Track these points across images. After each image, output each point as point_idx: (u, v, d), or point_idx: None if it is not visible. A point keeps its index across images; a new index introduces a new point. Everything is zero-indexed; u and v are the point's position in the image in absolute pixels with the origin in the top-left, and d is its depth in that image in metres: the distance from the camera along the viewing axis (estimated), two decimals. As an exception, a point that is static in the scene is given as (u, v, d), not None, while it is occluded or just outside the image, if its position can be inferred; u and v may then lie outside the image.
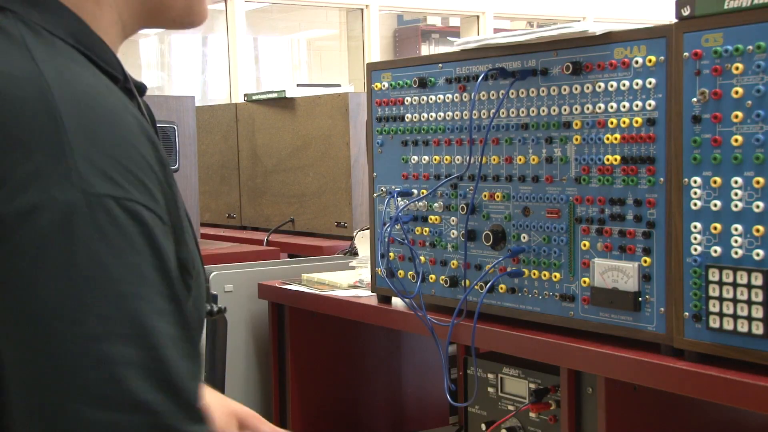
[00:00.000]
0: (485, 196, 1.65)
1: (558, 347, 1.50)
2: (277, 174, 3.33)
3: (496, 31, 7.67)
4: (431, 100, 1.74)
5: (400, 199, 1.79)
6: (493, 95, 1.62)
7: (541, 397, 1.65)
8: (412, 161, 1.78)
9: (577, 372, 1.53)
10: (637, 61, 1.40)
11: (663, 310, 1.39)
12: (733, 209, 1.28)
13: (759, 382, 1.23)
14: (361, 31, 7.42)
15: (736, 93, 1.26)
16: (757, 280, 1.24)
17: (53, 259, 0.77)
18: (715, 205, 1.30)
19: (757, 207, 1.25)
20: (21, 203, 0.77)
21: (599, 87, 1.46)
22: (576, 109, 1.49)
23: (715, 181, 1.29)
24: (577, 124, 1.49)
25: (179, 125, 2.83)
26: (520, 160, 1.59)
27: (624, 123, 1.42)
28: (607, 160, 1.45)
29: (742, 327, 1.27)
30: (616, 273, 1.44)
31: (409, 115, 1.78)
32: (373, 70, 1.86)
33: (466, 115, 1.67)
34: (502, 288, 1.62)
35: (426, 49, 8.58)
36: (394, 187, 1.82)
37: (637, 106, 1.40)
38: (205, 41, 7.95)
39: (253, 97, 3.44)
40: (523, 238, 1.59)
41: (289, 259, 2.90)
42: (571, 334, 1.52)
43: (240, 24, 6.69)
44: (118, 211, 0.80)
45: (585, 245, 1.49)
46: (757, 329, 1.25)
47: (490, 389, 1.78)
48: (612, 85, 1.44)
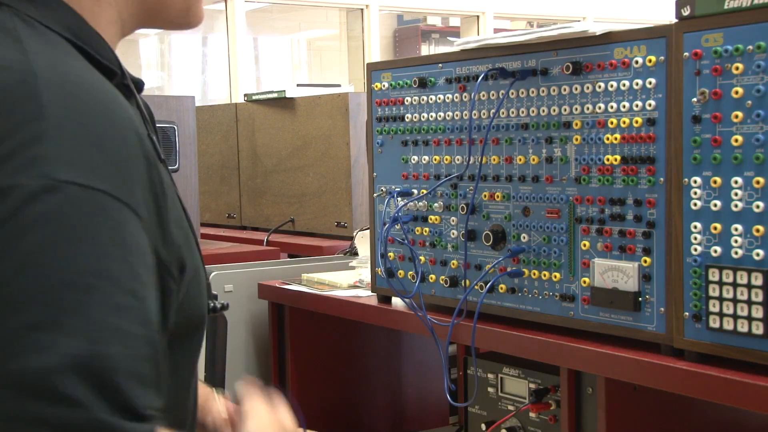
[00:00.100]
0: (485, 196, 1.65)
1: (558, 347, 1.50)
2: (277, 174, 3.33)
3: (496, 31, 7.67)
4: (431, 100, 1.74)
5: (400, 199, 1.79)
6: (493, 95, 1.62)
7: (541, 397, 1.65)
8: (412, 161, 1.78)
9: (577, 372, 1.53)
10: (637, 61, 1.40)
11: (663, 310, 1.39)
12: (733, 209, 1.28)
13: (759, 382, 1.23)
14: (361, 31, 7.42)
15: (736, 93, 1.26)
16: (757, 280, 1.24)
17: (5, 243, 0.77)
18: (715, 205, 1.30)
19: (757, 207, 1.25)
20: None
21: (599, 87, 1.46)
22: (576, 109, 1.49)
23: (715, 181, 1.29)
24: (577, 124, 1.49)
25: (179, 125, 2.83)
26: (520, 160, 1.59)
27: (624, 123, 1.42)
28: (607, 160, 1.45)
29: (742, 327, 1.27)
30: (616, 273, 1.44)
31: (409, 115, 1.78)
32: (373, 70, 1.86)
33: (466, 115, 1.67)
34: (502, 288, 1.62)
35: (426, 49, 8.58)
36: (394, 187, 1.82)
37: (637, 106, 1.40)
38: (205, 41, 7.95)
39: (253, 97, 3.44)
40: (523, 238, 1.59)
41: (289, 259, 2.90)
42: (571, 334, 1.52)
43: (240, 24, 6.70)
44: (81, 198, 0.79)
45: (585, 245, 1.49)
46: (757, 329, 1.25)
47: (490, 389, 1.78)
48: (612, 85, 1.43)
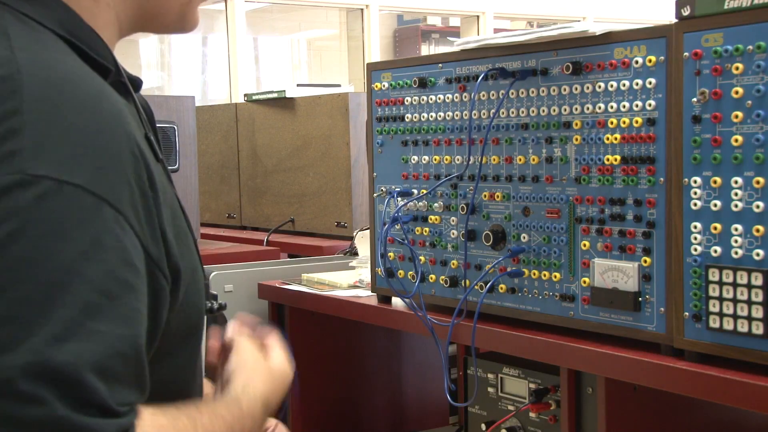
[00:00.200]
0: (485, 196, 1.65)
1: (558, 347, 1.50)
2: (277, 174, 3.33)
3: (496, 31, 7.67)
4: (431, 100, 1.74)
5: (400, 199, 1.79)
6: (493, 95, 1.62)
7: (541, 397, 1.65)
8: (412, 161, 1.78)
9: (577, 372, 1.53)
10: (637, 61, 1.40)
11: (663, 310, 1.39)
12: (733, 209, 1.28)
13: (759, 382, 1.23)
14: (361, 31, 7.41)
15: (736, 93, 1.26)
16: (757, 280, 1.24)
17: None
18: (715, 205, 1.30)
19: (757, 207, 1.25)
20: None
21: (599, 87, 1.46)
22: (576, 109, 1.49)
23: (715, 181, 1.29)
24: (577, 124, 1.49)
25: (179, 125, 2.83)
26: (520, 160, 1.59)
27: (624, 123, 1.42)
28: (607, 160, 1.45)
29: (742, 327, 1.27)
30: (616, 273, 1.44)
31: (409, 115, 1.78)
32: (373, 70, 1.86)
33: (466, 115, 1.67)
34: (502, 288, 1.62)
35: (426, 49, 8.57)
36: (394, 187, 1.82)
37: (637, 106, 1.40)
38: (205, 41, 7.95)
39: (253, 97, 3.44)
40: (523, 238, 1.59)
41: (289, 259, 2.90)
42: (571, 334, 1.52)
43: (240, 24, 6.69)
44: (55, 193, 0.79)
45: (585, 245, 1.49)
46: (757, 329, 1.25)
47: (490, 389, 1.78)
48: (612, 85, 1.43)
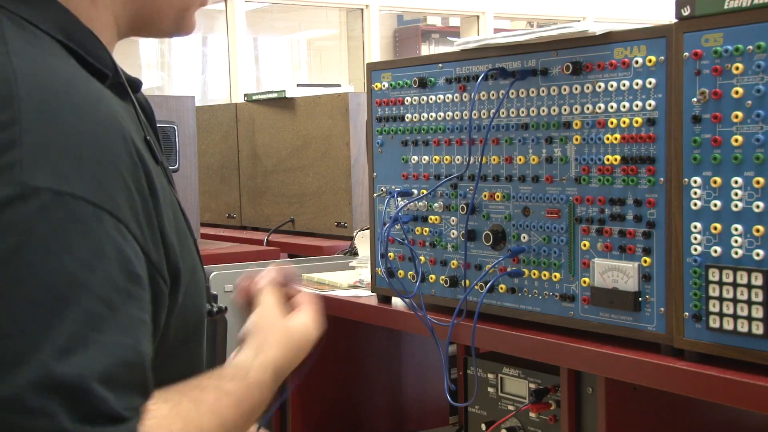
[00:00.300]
0: (485, 196, 1.65)
1: (558, 347, 1.50)
2: (277, 174, 3.33)
3: (496, 31, 7.67)
4: (431, 100, 1.74)
5: (400, 199, 1.79)
6: (493, 95, 1.62)
7: (541, 397, 1.65)
8: (412, 161, 1.78)
9: (577, 372, 1.53)
10: (637, 61, 1.40)
11: (663, 310, 1.39)
12: (733, 209, 1.28)
13: (759, 382, 1.23)
14: (361, 31, 7.42)
15: (736, 93, 1.26)
16: (757, 280, 1.24)
17: None
18: (715, 205, 1.30)
19: (757, 207, 1.25)
20: None
21: (599, 87, 1.46)
22: (576, 109, 1.49)
23: (715, 181, 1.29)
24: (577, 124, 1.49)
25: (179, 125, 2.83)
26: (520, 160, 1.59)
27: (624, 123, 1.42)
28: (607, 160, 1.45)
29: (742, 327, 1.27)
30: (616, 273, 1.44)
31: (409, 115, 1.78)
32: (373, 70, 1.86)
33: (466, 115, 1.67)
34: (502, 288, 1.62)
35: (426, 49, 8.58)
36: (394, 187, 1.82)
37: (637, 106, 1.40)
38: (205, 41, 7.95)
39: (253, 97, 3.44)
40: (523, 238, 1.59)
41: (289, 259, 2.90)
42: (571, 334, 1.52)
43: (240, 24, 6.70)
44: (55, 205, 0.79)
45: (585, 245, 1.49)
46: (757, 329, 1.25)
47: (490, 389, 1.78)
48: (612, 85, 1.43)
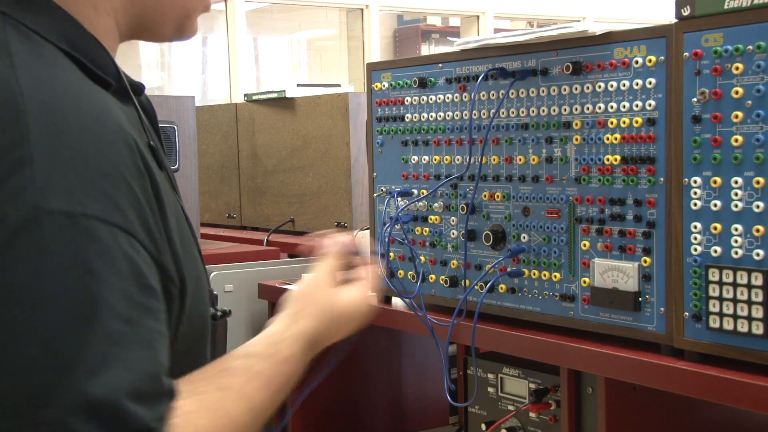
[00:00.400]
0: (485, 196, 1.65)
1: (558, 347, 1.50)
2: (277, 174, 3.33)
3: (496, 31, 7.67)
4: (431, 100, 1.74)
5: (400, 199, 1.79)
6: (493, 95, 1.62)
7: (541, 397, 1.65)
8: (412, 161, 1.78)
9: (577, 372, 1.53)
10: (637, 61, 1.40)
11: (663, 310, 1.39)
12: (733, 209, 1.28)
13: (759, 382, 1.23)
14: (361, 31, 7.42)
15: (736, 93, 1.26)
16: (757, 280, 1.24)
17: None
18: (715, 205, 1.30)
19: (757, 207, 1.25)
20: None
21: (599, 87, 1.46)
22: (576, 109, 1.49)
23: (715, 181, 1.29)
24: (577, 124, 1.49)
25: (179, 125, 2.83)
26: (520, 160, 1.59)
27: (624, 123, 1.42)
28: (607, 160, 1.45)
29: (742, 327, 1.27)
30: (616, 273, 1.44)
31: (409, 115, 1.78)
32: (373, 70, 1.86)
33: (466, 115, 1.67)
34: (502, 288, 1.62)
35: (426, 49, 8.58)
36: (394, 187, 1.82)
37: (637, 106, 1.40)
38: (205, 41, 7.95)
39: (253, 97, 3.44)
40: (523, 238, 1.59)
41: (289, 259, 2.90)
42: (571, 334, 1.52)
43: (240, 24, 6.70)
44: (70, 227, 0.78)
45: (585, 245, 1.49)
46: (757, 329, 1.25)
47: (490, 389, 1.78)
48: (612, 85, 1.43)
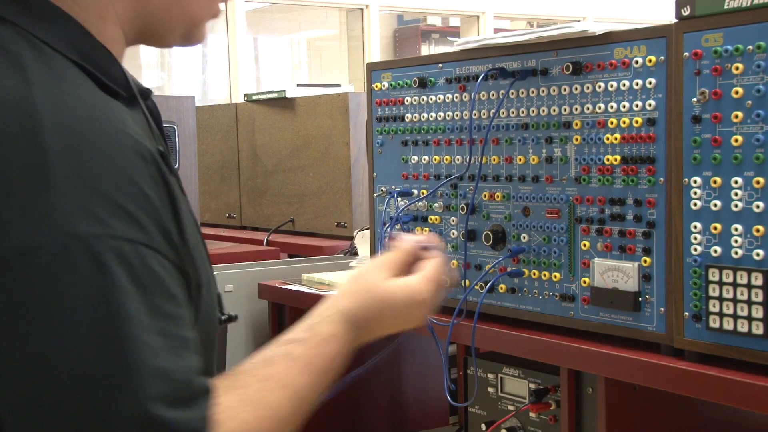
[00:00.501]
0: (485, 196, 1.65)
1: (558, 347, 1.50)
2: (277, 174, 3.33)
3: (496, 31, 7.67)
4: (431, 100, 1.74)
5: (400, 199, 1.79)
6: (493, 95, 1.62)
7: (541, 397, 1.65)
8: (412, 161, 1.78)
9: (577, 372, 1.53)
10: (637, 61, 1.40)
11: (663, 310, 1.39)
12: (733, 209, 1.28)
13: (759, 382, 1.23)
14: (361, 31, 7.42)
15: (736, 93, 1.26)
16: (757, 280, 1.24)
17: (37, 304, 0.76)
18: (715, 205, 1.30)
19: (757, 207, 1.25)
20: (2, 247, 0.76)
21: (599, 87, 1.46)
22: (576, 109, 1.49)
23: (715, 181, 1.29)
24: (577, 124, 1.49)
25: (179, 125, 2.83)
26: (520, 160, 1.59)
27: (624, 123, 1.42)
28: (607, 160, 1.45)
29: (742, 327, 1.27)
30: (616, 273, 1.44)
31: (409, 115, 1.78)
32: (373, 70, 1.86)
33: (466, 115, 1.67)
34: (502, 288, 1.62)
35: (426, 49, 8.57)
36: (394, 187, 1.82)
37: (637, 106, 1.40)
38: (205, 41, 7.94)
39: (253, 97, 3.44)
40: (523, 238, 1.59)
41: (289, 259, 2.90)
42: (571, 334, 1.52)
43: (240, 24, 6.70)
44: (100, 250, 0.78)
45: (585, 245, 1.49)
46: (757, 329, 1.25)
47: (490, 389, 1.78)
48: (612, 85, 1.43)
